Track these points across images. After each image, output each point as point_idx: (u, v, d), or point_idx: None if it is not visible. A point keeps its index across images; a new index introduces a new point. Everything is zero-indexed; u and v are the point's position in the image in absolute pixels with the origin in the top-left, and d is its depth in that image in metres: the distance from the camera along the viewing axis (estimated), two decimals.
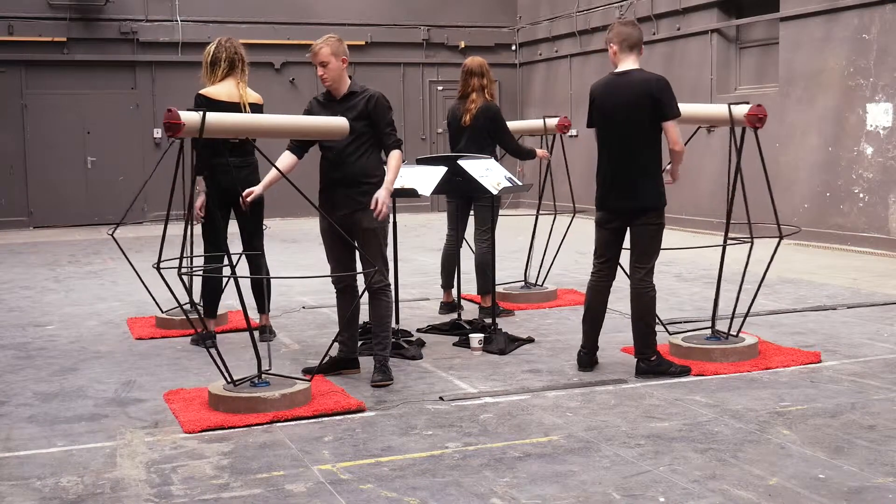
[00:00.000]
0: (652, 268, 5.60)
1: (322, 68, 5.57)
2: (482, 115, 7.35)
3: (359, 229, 5.56)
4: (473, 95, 7.42)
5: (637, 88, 5.47)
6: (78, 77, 16.21)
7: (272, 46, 16.83)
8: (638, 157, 5.51)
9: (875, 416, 4.75)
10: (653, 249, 5.59)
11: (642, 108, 5.46)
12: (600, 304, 5.76)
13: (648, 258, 5.58)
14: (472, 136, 7.38)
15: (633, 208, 5.55)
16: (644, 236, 5.57)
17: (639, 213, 5.55)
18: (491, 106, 7.40)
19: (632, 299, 5.64)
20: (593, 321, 5.76)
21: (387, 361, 5.59)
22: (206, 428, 4.72)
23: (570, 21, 16.75)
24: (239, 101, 6.41)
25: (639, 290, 5.59)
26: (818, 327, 6.92)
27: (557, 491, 3.82)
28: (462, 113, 7.44)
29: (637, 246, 5.60)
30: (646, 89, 5.45)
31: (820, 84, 11.78)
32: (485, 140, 7.37)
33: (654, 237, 5.58)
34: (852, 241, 11.24)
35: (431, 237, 13.42)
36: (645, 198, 5.52)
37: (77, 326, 7.51)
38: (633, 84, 5.50)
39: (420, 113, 18.04)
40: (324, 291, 8.31)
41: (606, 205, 5.65)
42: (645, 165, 5.52)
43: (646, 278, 5.58)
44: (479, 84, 7.44)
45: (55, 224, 16.10)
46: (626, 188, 5.54)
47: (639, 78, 5.51)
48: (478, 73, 7.47)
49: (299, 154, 5.65)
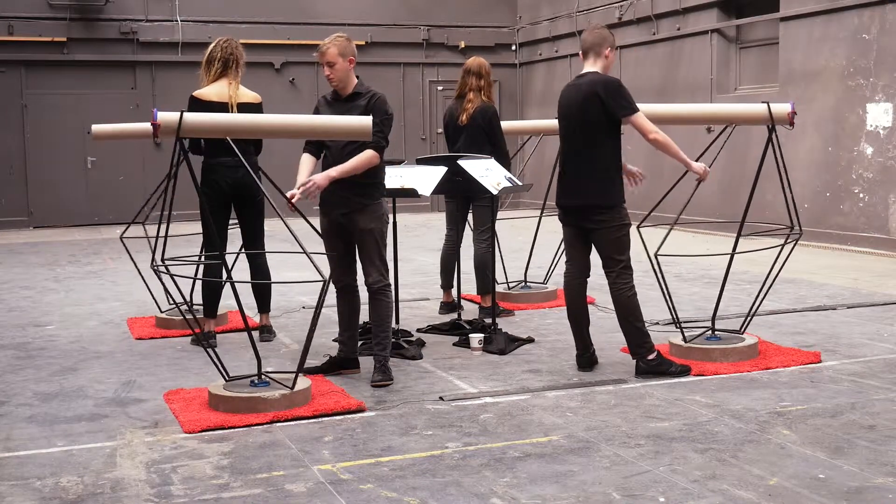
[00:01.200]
0: (624, 267, 5.60)
1: (329, 68, 5.58)
2: (479, 116, 7.36)
3: (356, 230, 5.56)
4: (471, 95, 7.43)
5: (586, 89, 5.58)
6: (78, 77, 16.21)
7: (272, 46, 16.83)
8: (587, 156, 5.60)
9: (875, 416, 4.75)
10: (616, 249, 5.60)
11: (590, 109, 5.55)
12: (578, 303, 5.79)
13: (615, 261, 5.60)
14: (469, 135, 7.39)
15: (581, 206, 5.61)
16: (603, 239, 5.61)
17: (589, 212, 5.59)
18: (488, 107, 7.41)
19: (612, 302, 5.70)
20: (576, 320, 5.80)
21: (387, 361, 5.59)
22: (206, 428, 4.72)
23: (570, 21, 16.75)
24: (228, 102, 6.42)
25: (615, 292, 5.63)
26: (818, 327, 6.92)
27: (557, 491, 3.82)
28: (459, 112, 7.45)
29: (600, 249, 5.66)
30: (593, 90, 5.54)
31: (820, 84, 11.78)
32: (482, 140, 7.37)
33: (615, 239, 5.60)
34: (852, 241, 11.24)
35: (431, 237, 13.42)
36: (592, 196, 5.58)
37: (77, 326, 7.51)
38: (584, 86, 5.61)
39: (420, 113, 18.04)
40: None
41: (560, 202, 5.75)
42: (594, 165, 5.58)
43: (619, 280, 5.60)
44: (476, 84, 7.45)
45: (55, 224, 16.10)
46: (575, 186, 5.64)
47: (590, 80, 5.62)
48: (475, 74, 7.48)
49: (316, 154, 5.67)
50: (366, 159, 5.43)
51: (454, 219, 7.62)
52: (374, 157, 5.47)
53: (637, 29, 15.13)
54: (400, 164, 6.68)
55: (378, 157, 5.49)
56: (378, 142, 5.47)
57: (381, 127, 5.49)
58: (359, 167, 5.43)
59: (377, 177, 5.60)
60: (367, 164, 5.45)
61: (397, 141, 16.85)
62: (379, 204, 5.64)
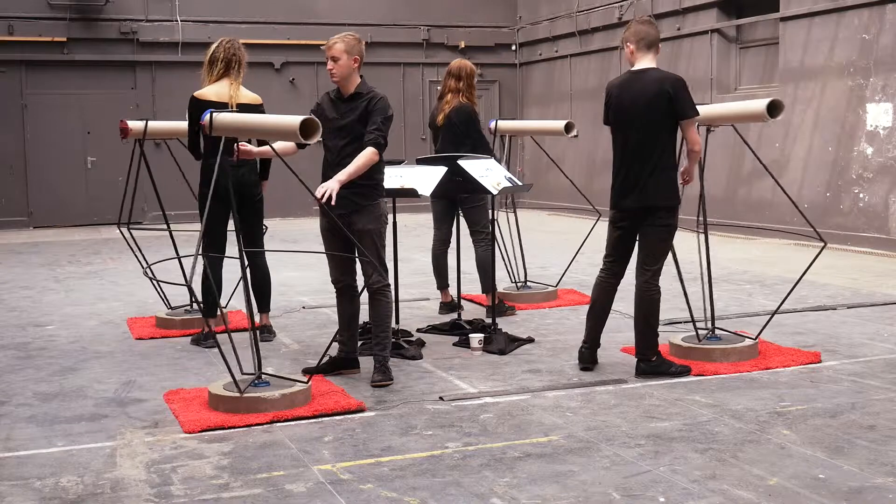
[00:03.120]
0: (659, 269, 5.58)
1: (332, 62, 5.56)
2: (454, 115, 7.41)
3: (355, 230, 5.55)
4: (448, 97, 7.51)
5: (653, 87, 5.44)
6: (78, 77, 16.21)
7: (272, 46, 16.83)
8: (651, 156, 5.47)
9: (875, 416, 4.74)
10: (661, 251, 5.56)
11: (658, 107, 5.43)
12: (605, 302, 5.76)
13: (656, 260, 5.56)
14: (446, 136, 7.45)
15: (644, 207, 5.51)
16: (653, 237, 5.54)
17: (649, 213, 5.52)
18: (464, 107, 7.44)
19: (636, 300, 5.62)
20: (597, 317, 5.76)
21: (387, 361, 5.59)
22: (206, 428, 4.72)
23: (570, 21, 16.75)
24: (228, 102, 6.43)
25: (644, 292, 5.57)
26: (818, 327, 6.92)
27: (557, 491, 3.82)
28: (437, 113, 7.55)
29: (645, 247, 5.58)
30: (662, 88, 5.42)
31: (820, 84, 11.78)
32: (460, 140, 7.38)
33: (663, 239, 5.55)
34: (852, 241, 11.24)
35: (431, 237, 13.40)
36: (656, 197, 5.48)
37: (77, 326, 7.51)
38: (649, 82, 5.47)
39: (420, 113, 18.03)
40: (324, 291, 8.31)
41: (619, 204, 5.61)
42: (658, 165, 5.47)
43: (651, 280, 5.55)
44: (455, 86, 7.52)
45: (55, 224, 16.10)
46: (639, 187, 5.50)
47: (655, 76, 5.49)
48: (455, 76, 7.57)
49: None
50: (367, 158, 5.43)
51: (439, 219, 7.67)
52: (375, 155, 5.47)
53: None
54: (400, 164, 6.68)
55: (378, 154, 5.49)
56: (376, 139, 5.46)
57: (380, 126, 5.49)
58: (362, 167, 5.44)
59: (375, 178, 5.60)
60: (369, 162, 5.45)
61: (397, 141, 16.84)
62: (377, 204, 5.64)
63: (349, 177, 5.38)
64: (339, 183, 5.32)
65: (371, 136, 5.45)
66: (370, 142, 5.44)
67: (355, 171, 5.40)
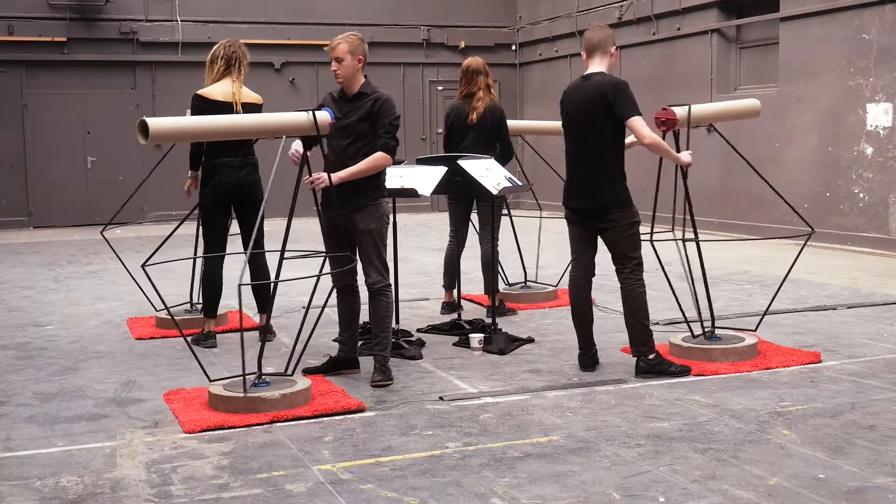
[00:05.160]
0: (637, 264, 5.63)
1: (336, 63, 5.56)
2: (489, 114, 7.37)
3: (356, 230, 5.56)
4: (480, 94, 7.43)
5: (595, 91, 5.57)
6: (78, 77, 16.21)
7: (272, 46, 16.83)
8: (597, 157, 5.60)
9: (875, 416, 4.75)
10: (628, 246, 5.62)
11: (599, 112, 5.55)
12: (582, 301, 5.80)
13: (629, 258, 5.62)
14: (478, 134, 7.38)
15: (594, 208, 5.62)
16: (617, 239, 5.62)
17: (601, 213, 5.60)
18: (497, 106, 7.47)
19: (622, 298, 5.69)
20: (580, 318, 5.80)
21: (387, 361, 5.59)
22: (206, 428, 4.72)
23: (570, 21, 16.75)
24: (232, 101, 6.43)
25: (627, 288, 5.64)
26: (818, 327, 6.92)
27: (557, 491, 3.82)
28: (468, 111, 7.42)
29: (611, 247, 5.67)
30: (602, 92, 5.54)
31: (820, 84, 11.78)
32: (490, 139, 7.38)
33: (628, 236, 5.62)
34: (852, 241, 11.24)
35: (431, 237, 13.43)
36: (603, 198, 5.59)
37: (77, 326, 7.51)
38: (592, 87, 5.61)
39: (420, 113, 18.04)
40: (324, 291, 8.29)
41: (569, 204, 5.74)
42: (604, 166, 5.58)
43: (631, 276, 5.62)
44: (485, 83, 7.49)
45: (55, 224, 16.10)
46: (587, 188, 5.63)
47: (598, 81, 5.61)
48: (483, 73, 7.53)
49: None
50: (375, 162, 5.45)
51: (458, 222, 7.63)
52: (386, 160, 5.48)
53: (637, 29, 15.12)
54: (400, 164, 6.68)
55: (389, 159, 5.50)
56: (387, 143, 5.48)
57: (388, 129, 5.50)
58: (369, 170, 5.44)
59: (377, 178, 5.60)
60: (377, 166, 5.47)
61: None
62: (378, 204, 5.64)
63: (350, 175, 5.38)
64: (338, 179, 5.33)
65: (381, 140, 5.47)
66: (381, 146, 5.46)
67: (358, 172, 5.41)
